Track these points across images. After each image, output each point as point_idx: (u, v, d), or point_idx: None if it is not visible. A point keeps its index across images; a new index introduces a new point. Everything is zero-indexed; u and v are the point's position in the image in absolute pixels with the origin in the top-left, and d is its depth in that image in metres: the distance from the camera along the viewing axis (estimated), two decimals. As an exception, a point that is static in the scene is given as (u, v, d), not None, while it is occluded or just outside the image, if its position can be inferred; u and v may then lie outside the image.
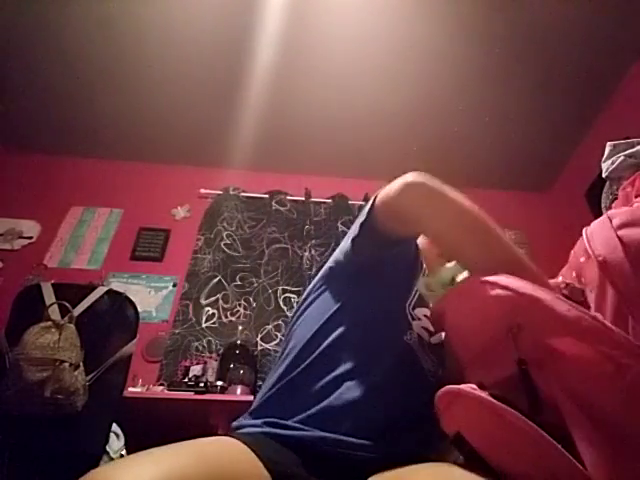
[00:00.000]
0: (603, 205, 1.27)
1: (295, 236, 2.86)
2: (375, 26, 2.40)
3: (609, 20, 2.36)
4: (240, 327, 2.38)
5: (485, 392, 0.53)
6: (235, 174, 3.10)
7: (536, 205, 3.29)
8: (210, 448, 0.58)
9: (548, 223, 3.13)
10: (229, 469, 0.54)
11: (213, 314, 2.48)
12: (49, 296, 1.49)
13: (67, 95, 2.74)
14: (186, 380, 1.99)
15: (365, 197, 3.10)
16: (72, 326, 1.42)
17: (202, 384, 1.92)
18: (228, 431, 0.72)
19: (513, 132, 2.93)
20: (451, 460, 0.61)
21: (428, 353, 0.75)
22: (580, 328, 0.46)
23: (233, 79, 2.60)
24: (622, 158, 1.17)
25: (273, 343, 2.35)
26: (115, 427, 1.58)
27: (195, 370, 2.10)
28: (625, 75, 2.63)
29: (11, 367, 1.31)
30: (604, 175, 1.25)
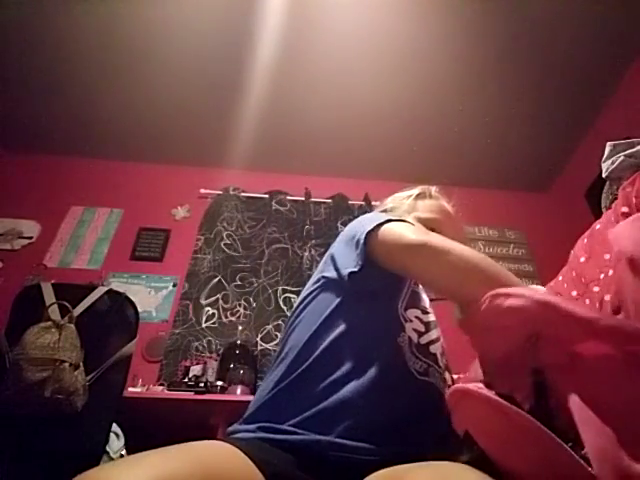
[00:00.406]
0: (603, 205, 1.27)
1: (295, 236, 2.86)
2: (375, 26, 2.41)
3: (609, 20, 2.36)
4: (240, 327, 2.38)
5: (492, 391, 0.53)
6: (235, 174, 3.10)
7: (536, 205, 3.29)
8: (204, 451, 0.58)
9: (548, 223, 3.13)
10: (223, 472, 0.55)
11: (213, 314, 2.49)
12: (49, 296, 1.49)
13: (67, 95, 2.74)
14: (186, 380, 1.98)
15: (365, 197, 3.10)
16: (72, 326, 1.42)
17: (202, 384, 1.92)
18: (228, 431, 0.73)
19: (513, 132, 2.93)
20: (449, 459, 0.62)
21: (416, 354, 0.76)
22: (600, 328, 0.46)
23: (233, 79, 2.60)
24: (622, 158, 1.17)
25: (273, 343, 2.35)
26: (115, 427, 1.58)
27: (195, 370, 2.10)
28: (625, 75, 2.63)
29: (11, 367, 1.31)
30: (604, 175, 1.26)
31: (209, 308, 2.50)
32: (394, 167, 3.06)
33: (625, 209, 0.94)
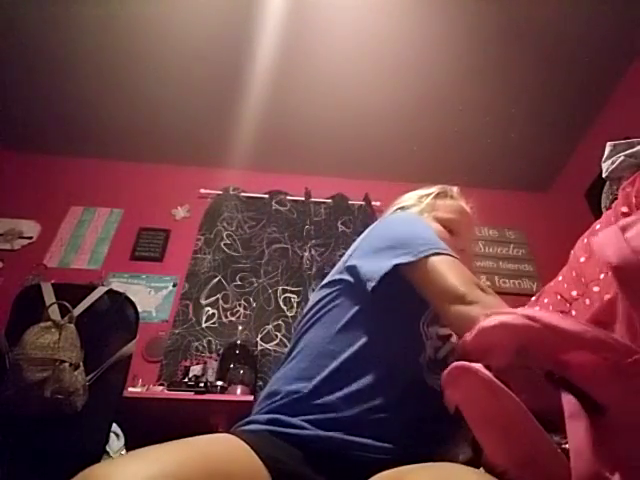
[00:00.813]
0: (603, 205, 1.28)
1: (295, 236, 2.86)
2: (375, 26, 2.41)
3: (609, 19, 2.36)
4: (240, 327, 2.38)
5: (490, 372, 0.55)
6: (235, 174, 3.10)
7: (536, 205, 3.29)
8: (208, 445, 0.58)
9: (548, 223, 3.13)
10: (226, 466, 0.54)
11: (213, 314, 2.49)
12: (49, 296, 1.49)
13: (67, 95, 2.74)
14: (186, 380, 1.98)
15: (365, 197, 3.10)
16: (72, 326, 1.42)
17: (202, 384, 1.92)
18: (228, 430, 0.73)
19: (513, 132, 2.93)
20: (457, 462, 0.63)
21: (435, 370, 0.74)
22: (584, 340, 0.48)
23: (233, 79, 2.60)
24: (622, 158, 1.17)
25: (273, 343, 2.35)
26: (115, 427, 1.58)
27: (195, 370, 2.10)
28: (625, 75, 2.63)
29: (11, 367, 1.31)
30: (604, 175, 1.26)
31: (209, 308, 2.50)
32: (394, 167, 3.07)
33: (625, 209, 0.94)
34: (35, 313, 1.43)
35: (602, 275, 0.95)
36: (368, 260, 0.78)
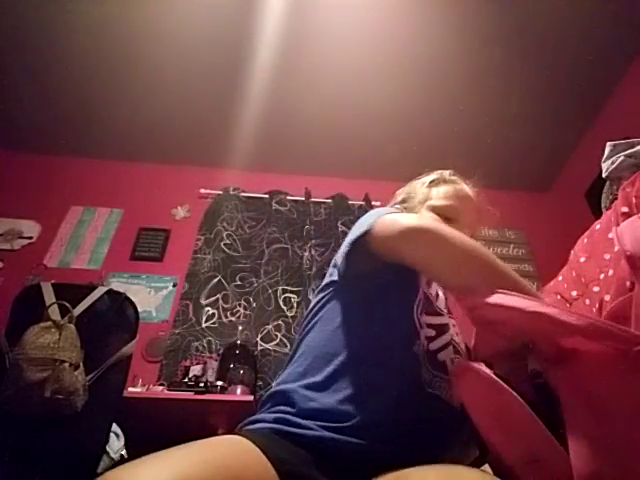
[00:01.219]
0: (603, 205, 1.28)
1: (295, 236, 2.86)
2: (375, 26, 2.41)
3: (609, 19, 2.36)
4: (240, 327, 2.38)
5: (491, 371, 0.57)
6: (235, 174, 3.10)
7: (536, 205, 3.29)
8: (219, 448, 0.58)
9: (548, 223, 3.13)
10: (238, 469, 0.54)
11: (213, 314, 2.48)
12: (49, 296, 1.49)
13: (67, 95, 2.74)
14: (186, 380, 1.98)
15: (365, 197, 3.10)
16: (72, 326, 1.42)
17: (202, 384, 1.92)
18: (228, 430, 0.73)
19: (513, 132, 2.93)
20: (461, 463, 0.63)
21: (426, 363, 0.74)
22: (589, 331, 0.48)
23: (233, 79, 2.60)
24: (622, 158, 1.17)
25: (273, 343, 2.35)
26: (115, 427, 1.58)
27: (195, 370, 2.10)
28: (625, 75, 2.63)
29: (11, 367, 1.31)
30: (604, 175, 1.26)
31: (209, 308, 2.50)
32: (394, 167, 3.05)
33: (625, 209, 0.94)
34: (35, 313, 1.43)
35: (602, 275, 0.95)
36: (339, 254, 0.82)
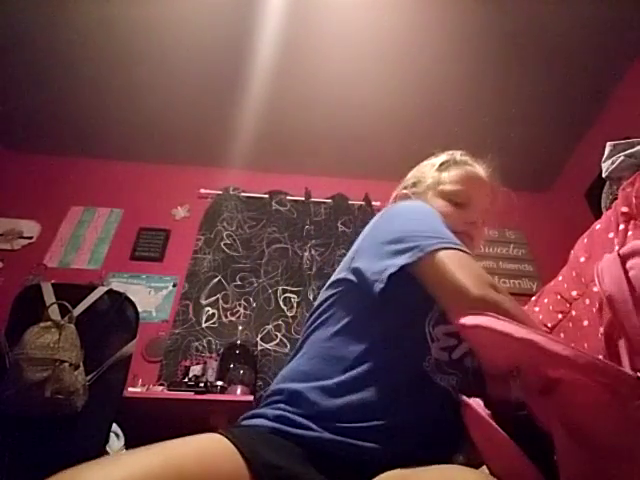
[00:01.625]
0: (603, 205, 1.28)
1: (295, 236, 2.86)
2: (375, 27, 2.41)
3: (609, 20, 2.36)
4: (240, 327, 2.38)
5: (484, 409, 0.59)
6: (235, 174, 3.10)
7: (536, 205, 3.29)
8: (182, 449, 0.57)
9: (548, 223, 3.13)
10: (200, 470, 0.54)
11: (213, 314, 2.48)
12: (49, 296, 1.49)
13: (67, 95, 2.74)
14: (186, 380, 1.98)
15: (365, 197, 3.10)
16: (72, 326, 1.42)
17: (202, 384, 1.92)
18: (246, 415, 0.72)
19: (513, 132, 2.93)
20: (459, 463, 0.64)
21: (448, 371, 0.71)
22: (576, 364, 0.49)
23: (233, 79, 2.60)
24: (622, 158, 1.17)
25: (273, 343, 2.35)
26: (115, 427, 1.58)
27: (195, 370, 2.10)
28: (624, 75, 2.63)
29: (11, 367, 1.31)
30: (604, 175, 1.26)
31: (209, 308, 2.50)
32: (394, 167, 3.04)
33: (625, 209, 0.94)
34: (35, 313, 1.43)
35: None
36: (372, 261, 0.73)
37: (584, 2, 2.29)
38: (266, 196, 3.05)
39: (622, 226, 0.94)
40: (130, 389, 1.79)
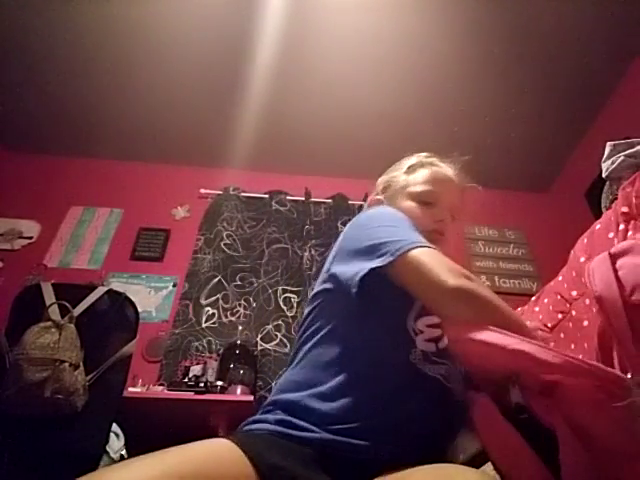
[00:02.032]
0: (603, 205, 1.28)
1: (295, 236, 2.86)
2: (375, 26, 2.41)
3: (609, 20, 2.36)
4: (240, 327, 2.38)
5: (492, 403, 0.60)
6: (235, 174, 3.10)
7: (536, 205, 3.29)
8: (195, 452, 0.59)
9: (548, 223, 3.13)
10: (214, 473, 0.55)
11: (213, 314, 2.48)
12: (49, 296, 1.49)
13: (67, 95, 2.74)
14: (186, 380, 1.98)
15: (365, 197, 3.10)
16: (72, 326, 1.42)
17: (202, 384, 1.92)
18: (228, 431, 0.73)
19: (513, 132, 2.93)
20: (459, 461, 0.64)
21: (436, 362, 0.72)
22: (567, 370, 0.51)
23: (233, 79, 2.60)
24: (622, 158, 1.17)
25: (273, 343, 2.35)
26: (115, 427, 1.58)
27: (195, 370, 2.10)
28: (624, 75, 2.63)
29: (11, 367, 1.31)
30: (604, 175, 1.26)
31: (209, 308, 2.50)
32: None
33: (625, 209, 0.94)
34: (35, 313, 1.43)
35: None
36: (346, 265, 0.77)
37: (584, 2, 2.29)
38: (266, 196, 3.05)
39: (622, 226, 0.94)
40: (130, 389, 1.79)
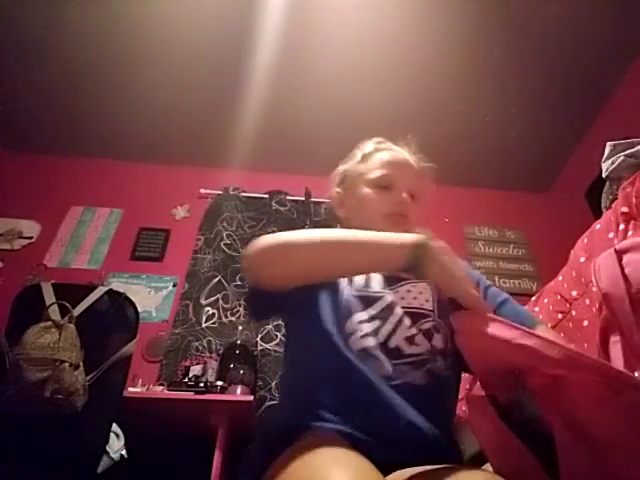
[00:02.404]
0: (603, 205, 1.28)
1: (295, 236, 2.86)
2: (375, 26, 2.41)
3: (609, 19, 2.36)
4: (240, 327, 2.38)
5: (493, 407, 0.60)
6: (235, 174, 3.10)
7: (536, 205, 3.29)
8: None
9: (548, 223, 3.13)
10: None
11: (213, 314, 2.48)
12: (49, 296, 1.49)
13: (67, 95, 2.74)
14: (186, 380, 1.98)
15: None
16: (72, 326, 1.42)
17: (202, 384, 1.92)
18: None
19: (513, 132, 2.93)
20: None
21: (376, 360, 0.69)
22: (570, 365, 0.50)
23: (233, 79, 2.60)
24: (622, 158, 1.17)
25: (273, 343, 2.35)
26: (115, 427, 1.58)
27: (195, 370, 2.10)
28: (624, 75, 2.63)
29: (11, 367, 1.31)
30: (604, 175, 1.26)
31: (209, 308, 2.50)
32: (394, 167, 3.06)
33: (625, 209, 0.94)
34: (35, 313, 1.43)
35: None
36: None
37: (584, 2, 2.29)
38: (266, 196, 3.05)
39: (622, 226, 0.94)
40: (130, 389, 1.79)
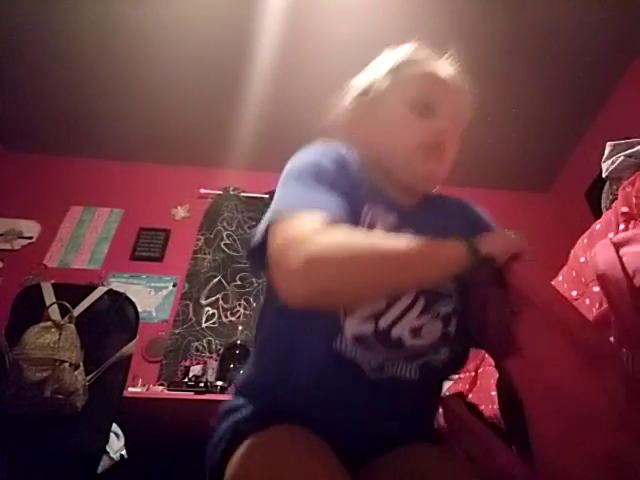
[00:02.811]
0: (603, 205, 1.28)
1: (295, 236, 2.86)
2: (374, 26, 2.40)
3: (609, 20, 2.36)
4: (240, 327, 2.38)
5: (463, 403, 0.64)
6: (235, 174, 3.10)
7: (536, 205, 3.29)
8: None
9: (548, 223, 3.13)
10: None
11: (213, 314, 2.49)
12: (49, 296, 1.49)
13: (67, 95, 2.74)
14: (186, 380, 1.98)
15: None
16: (72, 326, 1.42)
17: (202, 384, 1.92)
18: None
19: (513, 132, 2.93)
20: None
21: (369, 349, 0.63)
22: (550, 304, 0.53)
23: (233, 79, 2.60)
24: (622, 158, 1.17)
25: (273, 343, 2.35)
26: (115, 427, 1.58)
27: (195, 370, 2.10)
28: (624, 75, 2.63)
29: (11, 367, 1.31)
30: (604, 175, 1.26)
31: (209, 308, 2.50)
32: (394, 167, 3.06)
33: (625, 209, 0.94)
34: (35, 313, 1.43)
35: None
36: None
37: (584, 2, 2.29)
38: (266, 196, 3.05)
39: (622, 226, 0.94)
40: (130, 389, 1.79)
